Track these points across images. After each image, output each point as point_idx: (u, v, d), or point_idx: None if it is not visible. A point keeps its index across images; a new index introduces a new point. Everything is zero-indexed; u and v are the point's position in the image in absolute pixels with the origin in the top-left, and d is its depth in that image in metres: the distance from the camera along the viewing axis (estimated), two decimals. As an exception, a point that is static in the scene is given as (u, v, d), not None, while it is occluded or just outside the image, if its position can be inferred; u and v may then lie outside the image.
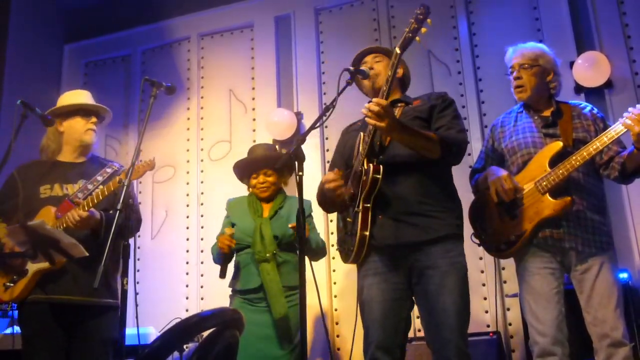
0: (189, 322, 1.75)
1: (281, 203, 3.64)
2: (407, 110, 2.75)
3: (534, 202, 2.82)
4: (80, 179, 3.18)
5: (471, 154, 4.22)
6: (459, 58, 4.83)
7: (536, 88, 3.00)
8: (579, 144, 2.84)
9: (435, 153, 2.58)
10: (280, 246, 3.47)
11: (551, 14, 4.63)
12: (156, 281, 5.11)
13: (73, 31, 6.06)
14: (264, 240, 3.44)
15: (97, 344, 3.02)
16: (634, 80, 4.33)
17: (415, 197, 2.61)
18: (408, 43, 2.53)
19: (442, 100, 2.78)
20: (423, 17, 2.55)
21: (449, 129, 2.67)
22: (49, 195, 3.11)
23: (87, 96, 3.40)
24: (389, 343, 2.60)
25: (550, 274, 2.81)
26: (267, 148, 3.81)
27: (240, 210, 3.63)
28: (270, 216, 3.56)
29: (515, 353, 4.18)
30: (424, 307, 2.61)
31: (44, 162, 3.28)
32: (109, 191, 2.99)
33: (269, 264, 3.38)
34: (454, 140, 2.64)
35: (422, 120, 2.72)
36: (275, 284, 3.35)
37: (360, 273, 2.76)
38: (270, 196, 3.64)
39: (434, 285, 2.55)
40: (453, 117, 2.73)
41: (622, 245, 4.09)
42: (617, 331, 2.69)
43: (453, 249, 2.61)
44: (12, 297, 2.97)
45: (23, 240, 2.82)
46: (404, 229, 2.60)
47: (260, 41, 5.44)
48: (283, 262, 3.46)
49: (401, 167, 2.63)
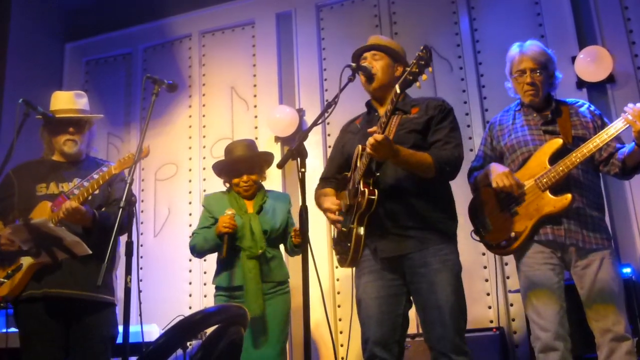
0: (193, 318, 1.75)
1: (264, 198, 3.64)
2: (404, 122, 2.71)
3: (534, 199, 2.83)
4: (76, 178, 3.17)
5: (473, 149, 4.22)
6: (461, 54, 4.83)
7: (544, 90, 3.02)
8: (579, 141, 2.85)
9: (430, 174, 2.59)
10: (268, 241, 3.48)
11: (553, 8, 4.62)
12: (159, 279, 5.12)
13: (74, 30, 6.06)
14: (255, 235, 3.43)
15: (96, 341, 3.02)
16: (636, 75, 4.32)
17: (410, 212, 2.62)
18: (408, 85, 2.43)
19: (440, 111, 2.74)
20: (424, 63, 2.36)
21: (445, 144, 2.65)
22: (45, 194, 3.12)
23: (70, 101, 3.28)
24: (386, 339, 2.61)
25: (550, 270, 2.81)
26: (248, 146, 3.71)
27: (221, 206, 3.57)
28: (257, 212, 3.56)
29: (518, 348, 4.18)
30: (419, 305, 2.62)
31: (40, 161, 3.29)
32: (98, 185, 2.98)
33: (255, 262, 3.39)
34: (448, 160, 2.62)
35: (418, 133, 2.70)
36: (255, 283, 3.35)
37: (356, 272, 2.78)
38: (253, 194, 3.64)
39: (426, 284, 2.57)
40: (450, 130, 2.71)
41: (625, 240, 4.09)
42: (620, 325, 2.70)
43: (444, 248, 2.62)
44: (8, 292, 2.96)
45: (26, 239, 2.83)
46: (401, 242, 2.61)
47: (261, 38, 5.44)
48: (272, 258, 3.48)
49: (398, 183, 2.64)
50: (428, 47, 2.39)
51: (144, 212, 5.39)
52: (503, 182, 2.84)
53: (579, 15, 4.59)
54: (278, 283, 3.48)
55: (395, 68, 2.83)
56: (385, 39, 2.99)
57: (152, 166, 5.44)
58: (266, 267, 3.45)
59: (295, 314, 4.59)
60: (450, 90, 4.73)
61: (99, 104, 5.78)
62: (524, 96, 3.03)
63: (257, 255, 3.39)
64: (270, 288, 3.45)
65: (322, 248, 4.69)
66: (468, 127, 4.63)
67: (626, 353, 2.67)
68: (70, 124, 3.24)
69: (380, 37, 2.98)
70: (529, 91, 2.99)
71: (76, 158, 3.28)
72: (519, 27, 4.65)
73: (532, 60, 2.98)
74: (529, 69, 2.97)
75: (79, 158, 3.29)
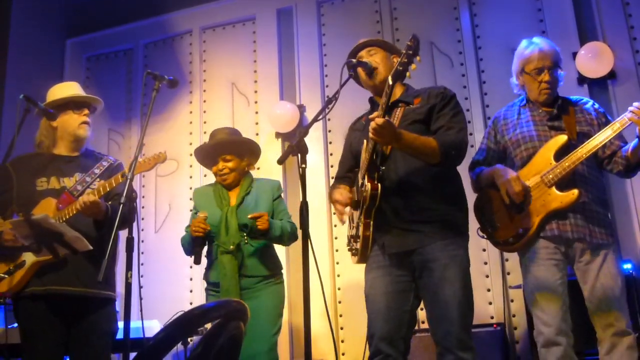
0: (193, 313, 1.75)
1: (248, 188, 3.49)
2: (407, 113, 2.72)
3: (540, 195, 2.83)
4: (77, 172, 3.15)
5: (474, 145, 4.21)
6: (462, 49, 4.82)
7: (556, 87, 3.02)
8: (583, 137, 2.86)
9: (435, 159, 2.58)
10: (250, 234, 3.33)
11: (554, 4, 4.61)
12: (160, 274, 5.13)
13: (75, 25, 6.06)
14: (229, 230, 3.31)
15: (98, 336, 3.01)
16: (637, 71, 4.31)
17: (418, 205, 2.62)
18: (400, 75, 2.45)
19: (442, 98, 2.73)
20: (412, 53, 2.41)
21: (448, 129, 2.64)
22: (46, 188, 3.09)
23: (77, 87, 3.33)
24: (392, 335, 2.60)
25: (554, 265, 2.81)
26: (229, 132, 3.61)
27: (206, 200, 3.50)
28: (237, 204, 3.41)
29: (519, 344, 4.18)
30: (426, 300, 2.62)
31: (39, 154, 3.23)
32: (116, 183, 2.96)
33: (229, 257, 3.27)
34: (453, 143, 2.60)
35: (421, 123, 2.70)
36: (229, 279, 3.24)
37: (366, 267, 2.79)
38: (232, 183, 3.50)
39: (435, 278, 2.56)
40: (453, 115, 2.69)
41: (626, 236, 4.10)
42: (621, 321, 2.71)
43: (453, 243, 2.61)
44: (9, 288, 2.93)
45: (27, 234, 2.83)
46: (410, 237, 2.61)
47: (262, 34, 5.43)
48: (254, 251, 3.34)
49: (403, 177, 2.64)
50: (416, 36, 2.41)
51: (145, 208, 5.40)
52: (512, 188, 2.83)
53: (579, 11, 4.58)
54: (264, 277, 3.34)
55: (392, 59, 2.83)
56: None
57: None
58: (247, 262, 3.31)
59: (296, 310, 4.61)
60: (451, 85, 4.60)
61: (100, 100, 5.81)
62: (539, 94, 3.00)
63: (230, 251, 3.27)
64: (255, 282, 3.32)
65: (323, 244, 4.70)
66: (469, 122, 4.62)
67: (627, 348, 2.68)
68: (84, 105, 3.24)
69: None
70: (546, 90, 2.97)
71: (80, 147, 3.25)
72: (520, 23, 4.65)
73: (551, 57, 2.96)
74: (547, 67, 2.95)
75: (82, 146, 3.26)
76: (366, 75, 2.81)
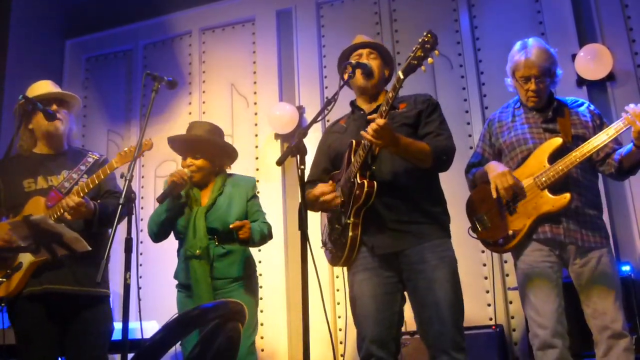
0: (190, 314, 1.75)
1: (220, 188, 3.34)
2: (394, 116, 2.73)
3: (532, 197, 2.83)
4: (63, 170, 3.14)
5: (472, 147, 4.22)
6: (461, 51, 4.82)
7: (547, 93, 3.00)
8: (578, 140, 2.85)
9: (427, 163, 2.61)
10: (220, 238, 3.24)
11: (553, 6, 4.62)
12: (158, 275, 5.11)
13: (74, 26, 6.07)
14: (197, 234, 3.20)
15: (95, 335, 3.01)
16: (636, 73, 4.32)
17: (407, 206, 2.63)
18: (412, 70, 2.42)
19: (429, 105, 2.78)
20: (430, 47, 2.39)
21: (437, 136, 2.68)
22: (34, 189, 3.08)
23: (48, 85, 3.26)
24: (383, 337, 2.60)
25: (549, 267, 2.81)
26: (207, 130, 3.41)
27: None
28: (208, 206, 3.28)
29: (517, 346, 4.18)
30: (416, 301, 2.61)
31: (23, 156, 3.20)
32: (99, 180, 2.96)
33: (198, 262, 3.18)
34: (445, 149, 2.66)
35: (409, 126, 2.72)
36: (200, 283, 3.16)
37: (351, 270, 2.77)
38: (200, 181, 3.35)
39: (424, 280, 2.56)
40: (440, 122, 2.75)
41: (625, 238, 4.10)
42: (617, 323, 2.70)
43: (441, 244, 2.62)
44: (8, 292, 2.92)
45: (26, 235, 2.83)
46: (398, 238, 2.61)
47: (261, 35, 5.44)
48: (225, 254, 3.24)
49: (393, 178, 2.65)
50: (432, 32, 2.42)
51: (144, 209, 5.39)
52: (502, 182, 2.83)
53: (579, 13, 4.59)
54: (235, 279, 3.23)
55: (384, 71, 2.89)
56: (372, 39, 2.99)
57: (152, 163, 5.44)
58: (218, 264, 3.22)
59: (295, 311, 4.60)
60: (450, 87, 4.74)
61: (99, 101, 5.81)
62: (526, 101, 3.00)
63: (195, 255, 3.18)
64: (227, 284, 3.22)
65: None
66: (468, 124, 4.63)
67: (624, 350, 2.67)
68: (53, 101, 3.18)
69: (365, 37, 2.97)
70: (533, 98, 2.96)
71: (59, 144, 3.22)
72: (519, 25, 4.65)
73: (538, 67, 2.89)
74: (534, 76, 2.91)
75: (61, 146, 3.23)
76: (363, 76, 2.81)
